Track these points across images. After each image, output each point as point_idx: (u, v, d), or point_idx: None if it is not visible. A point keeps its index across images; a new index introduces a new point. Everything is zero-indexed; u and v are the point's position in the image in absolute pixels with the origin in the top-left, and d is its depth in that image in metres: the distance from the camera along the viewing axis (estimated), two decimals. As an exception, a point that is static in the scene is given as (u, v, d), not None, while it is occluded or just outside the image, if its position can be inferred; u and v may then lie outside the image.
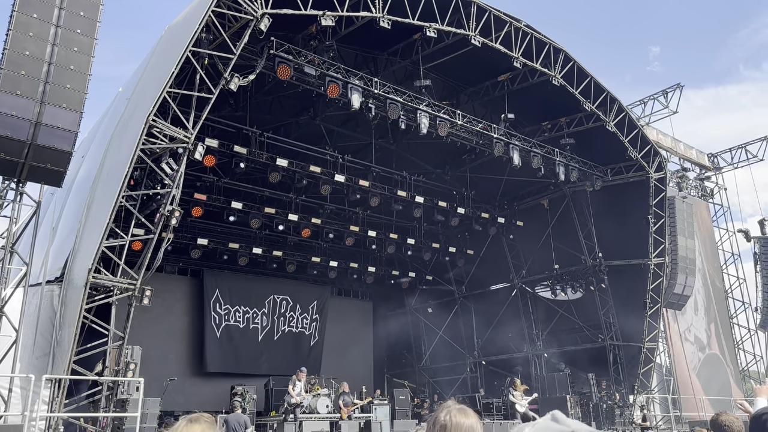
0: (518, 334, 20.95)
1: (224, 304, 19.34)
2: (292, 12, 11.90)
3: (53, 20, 9.59)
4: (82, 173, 13.47)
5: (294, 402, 13.66)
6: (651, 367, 17.90)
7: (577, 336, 19.48)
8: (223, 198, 16.63)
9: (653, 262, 17.66)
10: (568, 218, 19.65)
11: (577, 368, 18.41)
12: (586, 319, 19.34)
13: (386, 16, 12.93)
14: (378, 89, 14.18)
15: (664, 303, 18.17)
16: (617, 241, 18.42)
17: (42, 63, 9.38)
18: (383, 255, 20.79)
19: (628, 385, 17.76)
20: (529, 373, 19.51)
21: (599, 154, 17.97)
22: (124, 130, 12.00)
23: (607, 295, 18.85)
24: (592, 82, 16.31)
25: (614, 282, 18.68)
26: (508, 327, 21.10)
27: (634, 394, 17.48)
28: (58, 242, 12.96)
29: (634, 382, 17.71)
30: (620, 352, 18.28)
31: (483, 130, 15.88)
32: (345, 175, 17.37)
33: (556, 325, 20.19)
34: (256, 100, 15.53)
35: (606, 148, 17.51)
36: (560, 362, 19.23)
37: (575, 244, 19.37)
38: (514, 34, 14.92)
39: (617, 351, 18.32)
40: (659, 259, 17.74)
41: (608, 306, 18.79)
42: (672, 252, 18.04)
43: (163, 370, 15.32)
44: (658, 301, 17.85)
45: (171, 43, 12.25)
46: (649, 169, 17.58)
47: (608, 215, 18.61)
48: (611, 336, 18.54)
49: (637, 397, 17.44)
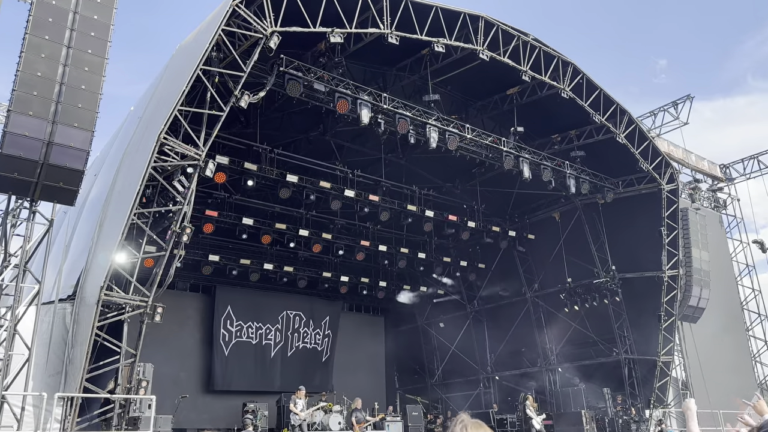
0: (531, 348, 20.81)
1: (236, 321, 19.34)
2: (301, 30, 11.99)
3: (65, 41, 9.70)
4: (94, 192, 13.59)
5: (300, 419, 13.62)
6: (667, 380, 17.67)
7: (592, 350, 19.29)
8: (234, 214, 16.68)
9: (667, 274, 17.48)
10: (579, 231, 19.55)
11: (591, 383, 18.21)
12: (600, 332, 19.14)
13: (394, 33, 13.00)
14: (387, 104, 14.22)
15: (679, 316, 17.96)
16: (630, 254, 18.26)
17: (54, 83, 9.46)
18: (394, 270, 20.73)
19: (643, 400, 17.52)
20: (544, 388, 19.32)
21: (610, 167, 17.90)
22: (135, 149, 12.10)
23: (621, 309, 18.67)
24: (602, 95, 16.29)
25: (628, 295, 18.49)
26: (521, 341, 20.99)
27: (650, 409, 17.24)
28: (71, 260, 13.00)
29: (650, 396, 17.48)
30: (635, 366, 18.07)
31: (492, 144, 15.89)
32: (355, 190, 17.36)
33: (569, 339, 19.99)
34: (266, 117, 15.57)
35: (617, 160, 17.45)
36: (574, 377, 19.03)
37: (588, 257, 19.23)
38: (522, 48, 14.96)
39: (632, 365, 18.12)
40: (673, 271, 17.57)
41: (622, 319, 18.62)
42: (686, 264, 17.88)
43: (175, 387, 15.31)
44: (673, 314, 17.66)
45: (182, 61, 12.38)
46: (660, 181, 17.47)
47: (620, 228, 18.50)
48: (626, 350, 18.35)
49: (654, 411, 17.20)
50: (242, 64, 11.43)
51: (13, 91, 9.29)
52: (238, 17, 11.29)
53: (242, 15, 11.30)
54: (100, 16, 10.12)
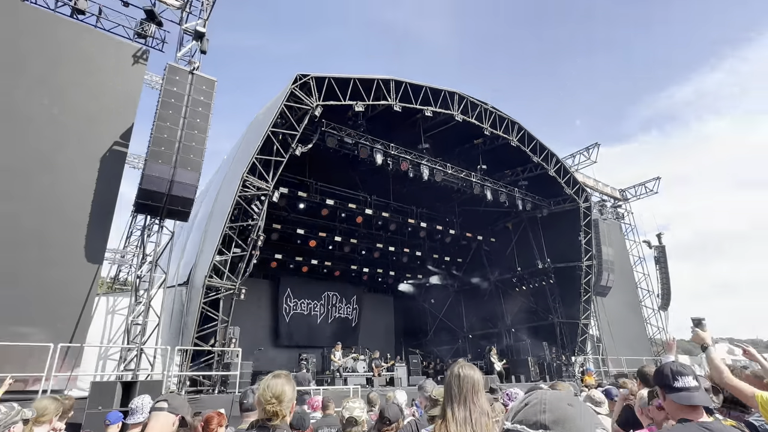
0: (494, 316, 20.77)
1: (293, 298, 19.44)
2: (335, 103, 12.28)
3: (182, 114, 9.98)
4: (201, 212, 13.77)
5: (337, 365, 13.68)
6: (586, 337, 17.59)
7: (534, 316, 19.24)
8: (291, 227, 16.80)
9: (584, 264, 17.49)
10: (525, 235, 19.59)
11: (535, 339, 18.16)
12: (540, 304, 19.13)
13: (398, 103, 13.28)
14: (393, 151, 14.44)
15: (593, 292, 17.94)
16: (560, 250, 18.27)
17: (174, 142, 9.69)
18: (400, 263, 20.81)
19: (570, 350, 17.46)
20: (502, 343, 19.29)
21: (545, 191, 17.96)
22: (228, 184, 12.27)
23: (554, 288, 18.65)
24: (538, 143, 16.46)
25: (559, 278, 18.50)
26: (487, 311, 20.95)
27: (575, 356, 17.19)
28: (185, 258, 13.20)
29: (575, 347, 17.43)
30: (564, 327, 18.01)
31: (465, 177, 16.05)
32: (372, 209, 17.54)
33: (519, 309, 19.97)
34: (312, 160, 15.63)
35: (549, 187, 17.50)
36: (523, 335, 19.00)
37: (531, 253, 19.25)
38: (484, 113, 15.18)
39: (562, 326, 18.06)
40: (588, 262, 17.57)
41: (555, 295, 18.58)
42: (598, 257, 17.89)
43: (253, 343, 15.37)
44: (589, 291, 17.65)
45: (258, 126, 12.55)
46: (579, 201, 17.55)
47: (553, 233, 18.53)
48: (558, 316, 18.32)
49: (577, 357, 17.14)
50: (297, 126, 11.68)
51: (148, 147, 9.56)
52: (295, 96, 11.56)
53: (297, 95, 11.59)
54: (205, 97, 10.39)
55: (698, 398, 1.93)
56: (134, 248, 10.69)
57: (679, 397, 1.95)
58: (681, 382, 1.97)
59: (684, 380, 1.97)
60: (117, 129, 10.33)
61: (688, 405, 1.93)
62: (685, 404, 1.93)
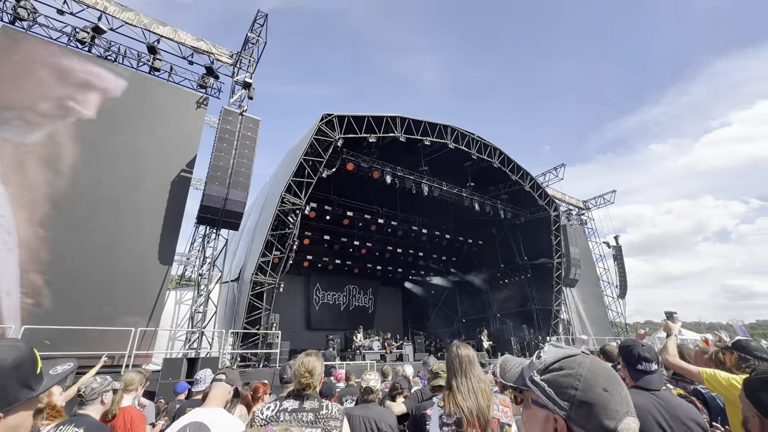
0: (483, 304, 20.55)
1: (321, 290, 19.47)
2: (354, 135, 12.37)
3: (234, 147, 10.15)
4: (248, 223, 13.86)
5: (358, 345, 13.63)
6: (558, 320, 17.26)
7: (515, 304, 18.98)
8: (319, 234, 16.84)
9: (555, 261, 17.24)
10: (507, 238, 19.40)
11: (516, 322, 17.92)
12: (520, 294, 18.85)
13: (403, 135, 13.33)
14: (400, 173, 14.48)
15: (563, 284, 17.65)
16: (535, 250, 18.05)
17: (228, 168, 9.86)
18: (406, 262, 20.75)
19: (545, 331, 17.15)
20: (490, 326, 19.05)
21: (522, 203, 17.80)
22: (270, 200, 12.37)
23: (531, 280, 18.38)
24: (515, 164, 16.35)
25: (535, 273, 18.24)
26: (478, 300, 20.73)
27: (549, 336, 16.87)
28: (237, 259, 13.27)
29: (549, 329, 17.10)
30: (540, 313, 17.70)
31: (458, 193, 16.00)
32: (383, 219, 17.53)
33: (503, 298, 19.72)
34: (336, 180, 15.67)
35: (525, 199, 17.34)
36: (506, 319, 18.74)
37: (511, 252, 19.07)
38: (472, 141, 15.16)
39: (538, 312, 17.76)
40: (559, 259, 17.31)
41: (532, 286, 18.31)
42: (566, 255, 17.61)
43: (290, 326, 15.40)
44: (560, 283, 17.36)
45: (293, 154, 12.68)
46: (550, 211, 17.35)
47: (530, 236, 18.31)
48: (534, 303, 18.03)
49: (551, 337, 16.82)
50: (323, 154, 11.77)
51: (208, 172, 9.74)
52: (321, 131, 11.69)
53: (324, 130, 11.72)
54: (252, 133, 10.57)
55: (655, 382, 1.90)
56: (197, 252, 10.79)
57: (641, 379, 1.91)
58: (644, 366, 1.92)
59: (647, 365, 1.92)
60: (184, 159, 10.54)
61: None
62: (643, 386, 1.88)
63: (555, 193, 22.91)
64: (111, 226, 9.11)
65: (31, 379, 0.98)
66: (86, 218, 8.86)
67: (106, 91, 10.02)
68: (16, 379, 0.95)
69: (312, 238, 16.59)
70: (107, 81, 10.13)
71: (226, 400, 2.28)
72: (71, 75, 9.67)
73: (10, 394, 0.93)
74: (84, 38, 10.09)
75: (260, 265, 10.73)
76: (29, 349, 1.01)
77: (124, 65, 10.71)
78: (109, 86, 10.11)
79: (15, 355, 0.96)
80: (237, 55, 12.17)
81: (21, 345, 1.00)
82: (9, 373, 0.94)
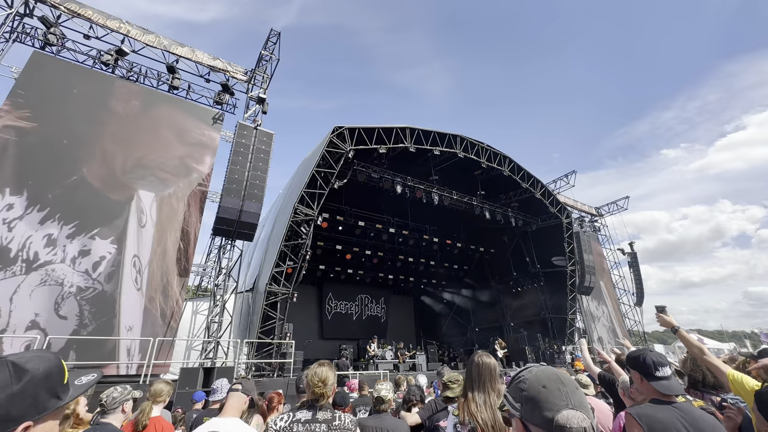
0: (496, 312, 20.21)
1: (334, 300, 19.47)
2: (364, 147, 12.44)
3: (248, 160, 10.33)
4: (263, 234, 13.97)
5: (371, 354, 13.51)
6: (573, 329, 16.84)
7: (529, 312, 18.60)
8: (331, 244, 16.88)
9: (569, 268, 16.90)
10: (519, 246, 19.13)
11: (530, 331, 17.54)
12: (533, 302, 18.48)
13: (413, 145, 13.36)
14: (410, 182, 14.47)
15: (578, 291, 17.25)
16: (548, 257, 17.75)
17: (243, 180, 10.03)
18: (418, 271, 20.61)
19: (560, 340, 16.72)
20: (503, 335, 18.71)
21: (533, 210, 17.58)
22: (283, 211, 12.45)
23: (544, 289, 18.03)
24: (525, 172, 16.21)
25: (548, 280, 17.90)
26: (491, 309, 20.41)
27: (565, 345, 16.44)
28: (251, 270, 13.35)
29: (564, 338, 16.69)
30: (554, 321, 17.31)
31: (468, 201, 15.90)
32: (394, 228, 17.50)
33: (516, 306, 19.35)
34: (347, 191, 15.72)
35: (537, 207, 17.13)
36: (520, 328, 18.36)
37: (523, 260, 18.78)
38: (481, 149, 15.12)
39: (552, 320, 17.37)
40: (572, 267, 16.97)
41: (545, 295, 17.96)
42: (580, 262, 17.26)
43: (303, 336, 15.37)
44: (574, 291, 16.97)
45: (305, 166, 12.81)
46: (562, 218, 17.08)
47: (542, 243, 18.02)
48: (548, 311, 17.65)
49: (567, 347, 16.39)
50: (335, 166, 11.85)
51: (224, 185, 9.93)
52: (333, 143, 11.80)
53: (335, 142, 11.83)
54: (266, 146, 10.76)
55: (674, 387, 1.83)
56: (213, 263, 10.91)
57: (660, 385, 1.83)
58: (661, 371, 1.86)
59: (663, 370, 1.86)
60: (200, 173, 10.79)
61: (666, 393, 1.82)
62: (663, 392, 1.81)
63: (566, 200, 22.61)
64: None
65: (59, 388, 1.02)
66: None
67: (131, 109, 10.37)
68: (46, 388, 0.98)
69: (324, 248, 16.63)
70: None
71: (242, 410, 2.30)
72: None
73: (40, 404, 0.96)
74: (108, 60, 10.52)
75: (274, 275, 10.76)
76: (57, 359, 1.05)
77: (144, 84, 11.09)
78: (130, 105, 10.46)
79: (45, 366, 1.00)
80: (251, 71, 12.49)
81: (50, 356, 1.05)
82: (39, 383, 0.97)
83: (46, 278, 7.84)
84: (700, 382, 2.60)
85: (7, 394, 0.91)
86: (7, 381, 0.92)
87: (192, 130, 11.12)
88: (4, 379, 0.92)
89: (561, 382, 0.92)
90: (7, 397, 0.91)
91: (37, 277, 7.78)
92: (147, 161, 10.02)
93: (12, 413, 0.91)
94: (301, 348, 12.12)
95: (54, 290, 7.87)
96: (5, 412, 0.90)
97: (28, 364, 0.97)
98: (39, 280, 7.78)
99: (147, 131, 10.35)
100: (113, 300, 8.41)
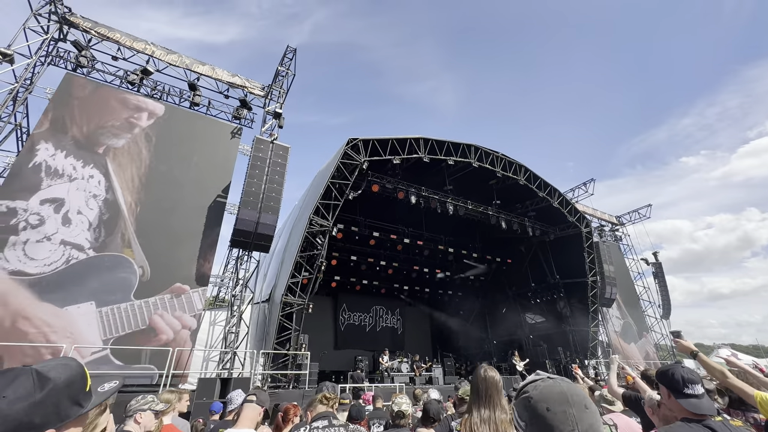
0: (514, 324, 19.73)
1: (348, 311, 19.39)
2: (378, 158, 12.47)
3: (265, 173, 10.46)
4: (279, 245, 14.06)
5: (384, 367, 13.31)
6: (596, 342, 16.26)
7: (549, 324, 18.09)
8: (346, 254, 16.92)
9: (590, 279, 16.41)
10: (536, 256, 18.76)
11: (551, 344, 17.01)
12: (553, 314, 17.98)
13: (427, 156, 13.34)
14: (424, 192, 14.41)
15: (599, 304, 16.69)
16: (567, 268, 17.31)
17: (260, 193, 10.14)
18: (433, 282, 20.40)
19: (582, 354, 16.15)
20: (523, 347, 18.20)
21: (550, 220, 17.24)
22: (298, 223, 12.58)
23: (564, 301, 17.54)
24: (542, 181, 15.95)
25: (568, 292, 17.41)
26: (509, 321, 19.95)
27: (587, 359, 15.86)
28: (267, 281, 13.41)
29: (587, 352, 16.11)
30: (575, 334, 16.78)
31: (483, 211, 15.72)
32: (409, 239, 17.40)
33: (536, 318, 18.89)
34: (362, 202, 15.79)
35: (554, 216, 16.80)
36: (540, 341, 17.84)
37: (542, 272, 18.36)
38: (496, 159, 14.96)
39: (573, 333, 16.84)
40: (593, 277, 16.47)
41: (566, 307, 17.46)
42: (600, 273, 16.74)
43: (319, 347, 15.32)
44: (596, 303, 16.43)
45: (320, 178, 12.91)
46: (581, 227, 16.67)
47: (561, 254, 17.63)
48: (569, 324, 17.12)
49: (590, 361, 15.80)
50: (349, 177, 11.92)
51: (241, 198, 10.08)
52: (347, 155, 11.89)
53: (349, 153, 11.93)
54: (282, 159, 10.91)
55: (705, 407, 1.72)
56: (230, 274, 11.05)
57: (688, 403, 1.74)
58: (691, 389, 1.75)
59: (693, 388, 1.76)
60: (219, 186, 11.03)
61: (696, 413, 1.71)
62: (691, 411, 1.71)
63: (585, 208, 22.07)
64: (156, 248, 9.56)
65: (81, 396, 1.03)
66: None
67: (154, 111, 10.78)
68: (68, 396, 1.00)
69: (339, 258, 16.65)
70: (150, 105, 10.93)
71: (257, 421, 2.29)
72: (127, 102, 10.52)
73: (62, 411, 0.97)
74: (134, 80, 11.00)
75: (290, 286, 10.80)
76: (80, 367, 1.07)
77: (167, 102, 11.52)
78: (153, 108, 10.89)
79: (68, 374, 1.02)
80: (268, 87, 12.82)
81: (73, 363, 1.06)
82: (62, 391, 0.99)
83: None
84: (740, 401, 2.48)
85: (30, 403, 0.92)
86: (31, 390, 0.93)
87: (212, 144, 11.42)
88: (28, 387, 0.93)
89: (568, 404, 0.86)
90: (30, 405, 0.92)
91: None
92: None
93: (35, 421, 0.92)
94: (317, 359, 12.06)
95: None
96: (28, 420, 0.91)
97: (51, 373, 0.98)
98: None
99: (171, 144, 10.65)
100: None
